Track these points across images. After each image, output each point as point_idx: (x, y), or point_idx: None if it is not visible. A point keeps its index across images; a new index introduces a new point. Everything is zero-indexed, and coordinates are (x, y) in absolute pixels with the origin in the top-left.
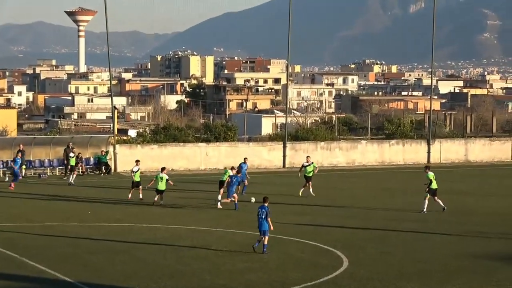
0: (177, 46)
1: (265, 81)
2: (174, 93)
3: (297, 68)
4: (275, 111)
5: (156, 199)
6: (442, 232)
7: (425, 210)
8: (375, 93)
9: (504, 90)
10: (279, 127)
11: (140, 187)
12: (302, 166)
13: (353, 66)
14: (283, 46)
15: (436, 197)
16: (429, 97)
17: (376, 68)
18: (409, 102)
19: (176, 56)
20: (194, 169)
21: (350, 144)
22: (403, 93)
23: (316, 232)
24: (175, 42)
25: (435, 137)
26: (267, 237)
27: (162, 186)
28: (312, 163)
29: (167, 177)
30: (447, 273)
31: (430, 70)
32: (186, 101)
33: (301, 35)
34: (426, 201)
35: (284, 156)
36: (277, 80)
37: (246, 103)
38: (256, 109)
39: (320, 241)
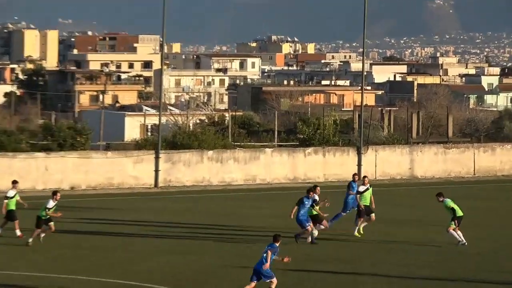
0: (6, 17)
1: (131, 66)
2: (1, 82)
3: (176, 48)
4: (145, 107)
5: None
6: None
7: (463, 240)
8: (285, 82)
9: (463, 78)
10: (149, 129)
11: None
12: (357, 192)
13: (254, 45)
14: (156, 16)
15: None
16: (359, 88)
17: (286, 48)
18: (332, 95)
19: (5, 31)
20: (28, 189)
21: (249, 154)
22: (323, 82)
23: None
24: (3, 10)
25: (368, 143)
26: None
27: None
28: (370, 186)
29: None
30: None
31: (361, 50)
32: (18, 94)
33: (182, 2)
34: (455, 232)
35: (157, 171)
36: (147, 64)
37: (103, 96)
38: (117, 104)
39: None
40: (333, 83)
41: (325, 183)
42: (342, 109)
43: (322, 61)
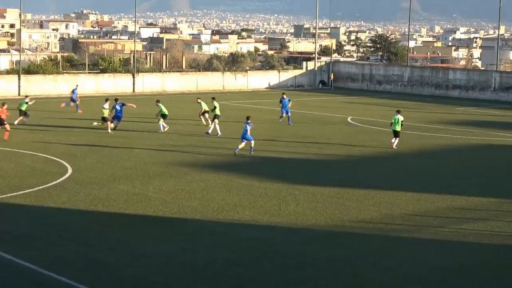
0: None
1: (2, 26)
2: None
3: (28, 16)
4: (11, 50)
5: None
6: (144, 148)
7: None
8: (91, 37)
9: (191, 36)
10: (14, 63)
11: None
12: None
13: (73, 15)
14: None
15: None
16: (133, 40)
17: (92, 17)
18: (118, 44)
19: None
20: None
21: (72, 77)
22: (113, 37)
23: (46, 146)
24: None
25: (138, 72)
26: (252, 141)
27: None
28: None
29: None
30: (148, 176)
31: (134, 20)
32: None
33: None
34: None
35: (19, 86)
36: (12, 25)
37: None
38: None
39: (50, 154)
40: (118, 38)
41: (115, 93)
42: (124, 52)
43: (112, 25)
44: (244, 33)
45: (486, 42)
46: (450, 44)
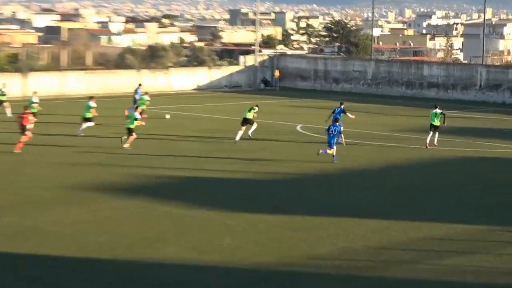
0: None
1: None
2: None
3: None
4: None
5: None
6: (39, 166)
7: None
8: None
9: (98, 24)
10: None
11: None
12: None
13: None
14: None
15: None
16: (25, 30)
17: None
18: (5, 36)
19: None
20: None
21: None
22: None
23: None
24: None
25: (30, 70)
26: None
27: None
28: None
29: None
30: (42, 204)
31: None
32: None
33: None
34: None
35: None
36: None
37: None
38: None
39: None
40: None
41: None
42: (12, 46)
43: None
44: (165, 21)
45: (469, 29)
46: (424, 32)
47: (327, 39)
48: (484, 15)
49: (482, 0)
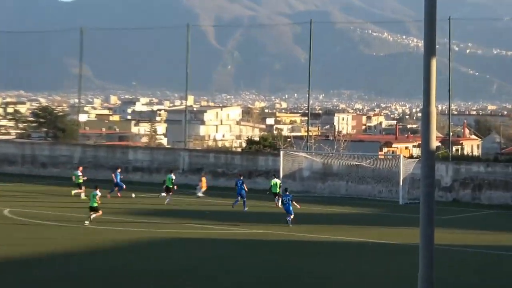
0: None
1: None
2: None
3: None
4: None
5: None
6: None
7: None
8: None
9: None
10: None
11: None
12: None
13: None
14: None
15: None
16: None
17: None
18: None
19: None
20: None
21: None
22: None
23: None
24: None
25: None
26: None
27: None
28: None
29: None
30: None
31: None
32: None
33: None
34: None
35: None
36: None
37: None
38: None
39: None
40: None
41: None
42: None
43: None
44: None
45: (172, 115)
46: (129, 117)
47: (34, 124)
48: (186, 102)
49: (184, 88)
